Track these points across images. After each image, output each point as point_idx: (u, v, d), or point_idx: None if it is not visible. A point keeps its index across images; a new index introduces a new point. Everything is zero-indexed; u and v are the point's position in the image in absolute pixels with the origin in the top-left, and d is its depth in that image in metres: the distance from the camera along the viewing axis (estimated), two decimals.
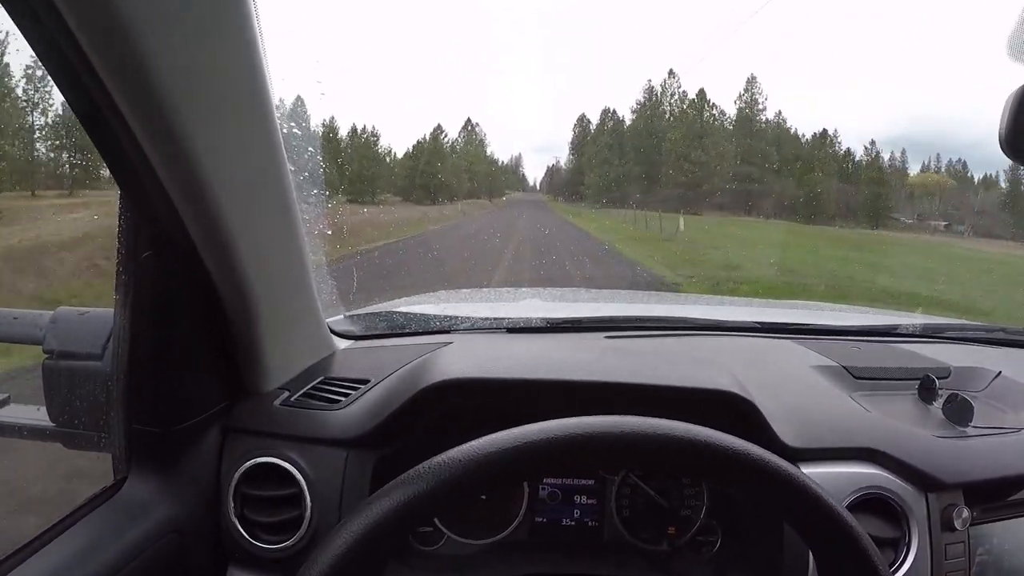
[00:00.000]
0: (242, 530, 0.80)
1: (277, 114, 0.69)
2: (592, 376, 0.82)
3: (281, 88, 0.72)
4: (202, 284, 0.74)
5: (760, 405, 0.82)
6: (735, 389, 0.81)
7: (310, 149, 0.89)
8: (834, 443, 0.86)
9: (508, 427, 0.53)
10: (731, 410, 0.80)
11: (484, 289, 2.60)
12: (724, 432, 0.55)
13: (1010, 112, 0.76)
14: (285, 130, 0.71)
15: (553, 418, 0.53)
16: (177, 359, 0.77)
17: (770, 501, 0.56)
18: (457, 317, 1.16)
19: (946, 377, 1.07)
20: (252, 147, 0.67)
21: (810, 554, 0.78)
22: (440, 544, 0.89)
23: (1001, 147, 0.76)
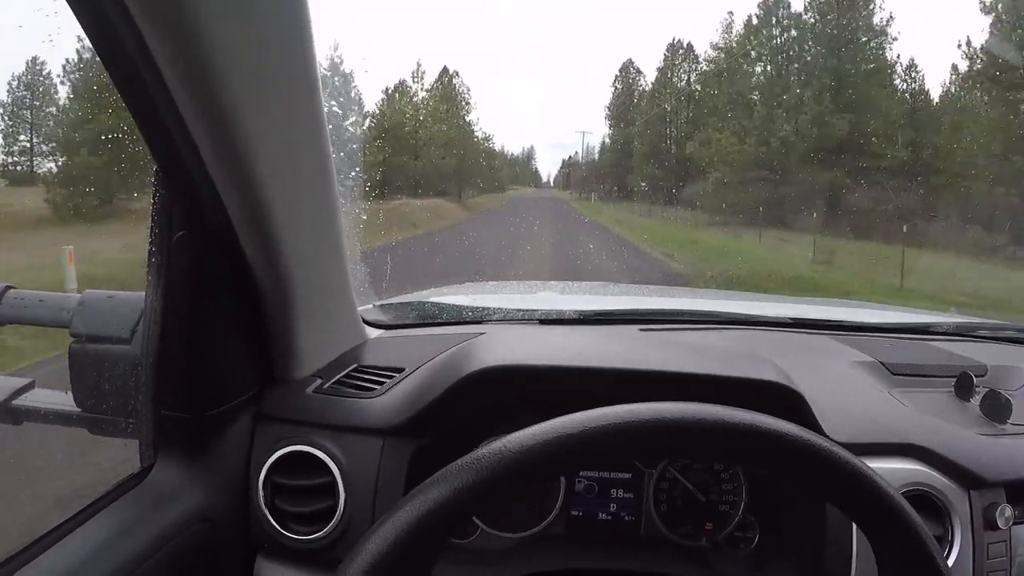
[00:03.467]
0: (272, 520, 0.78)
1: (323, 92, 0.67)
2: (632, 364, 0.80)
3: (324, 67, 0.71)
4: (237, 266, 0.73)
5: (807, 397, 0.80)
6: (783, 380, 0.79)
7: (349, 129, 0.86)
8: (876, 438, 0.85)
9: (547, 416, 0.51)
10: (777, 402, 0.77)
11: (513, 282, 2.58)
12: None
13: None
14: (326, 109, 0.69)
15: (594, 407, 0.51)
16: (208, 343, 0.75)
17: (832, 492, 0.54)
18: (489, 308, 1.14)
19: (983, 375, 1.05)
20: (297, 124, 0.65)
21: (853, 550, 0.77)
22: (475, 537, 0.87)
23: None
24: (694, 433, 0.50)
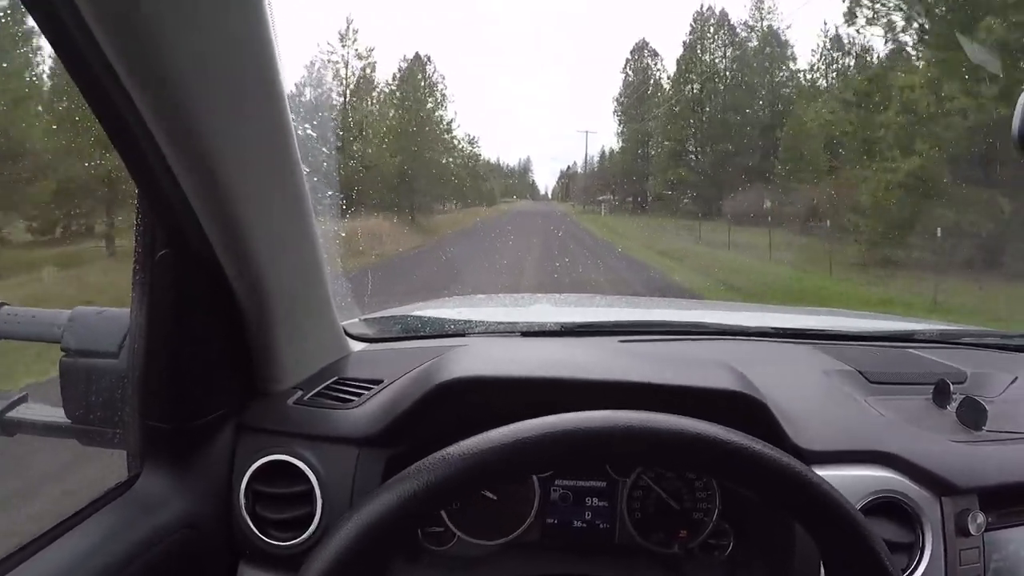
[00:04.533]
0: (253, 527, 0.81)
1: (292, 117, 0.70)
2: (603, 376, 0.82)
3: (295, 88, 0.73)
4: (218, 283, 0.75)
5: (771, 406, 0.81)
6: (745, 389, 0.81)
7: (324, 150, 0.90)
8: (847, 446, 0.86)
9: None
10: (741, 411, 0.79)
11: (499, 295, 2.61)
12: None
13: (1022, 111, 0.76)
14: (300, 132, 0.72)
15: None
16: (192, 357, 0.78)
17: (780, 501, 0.56)
18: (472, 321, 1.16)
19: (962, 382, 1.06)
20: (267, 146, 0.68)
21: (821, 560, 0.78)
22: (451, 544, 0.89)
23: (1014, 144, 0.76)
24: (622, 441, 0.52)
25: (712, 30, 21.92)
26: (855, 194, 13.94)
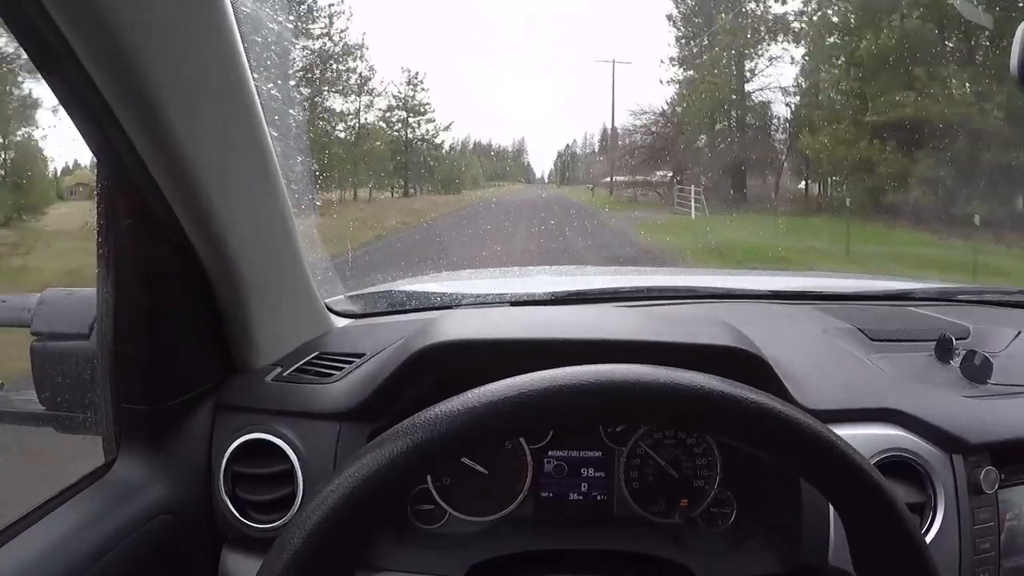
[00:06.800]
0: (234, 509, 0.78)
1: (255, 75, 0.67)
2: (595, 335, 0.79)
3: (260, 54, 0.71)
4: (185, 255, 0.73)
5: (773, 363, 0.78)
6: (744, 346, 0.78)
7: (291, 112, 0.87)
8: (853, 404, 0.83)
9: None
10: (742, 369, 0.76)
11: (488, 269, 2.57)
12: None
13: (1020, 44, 0.72)
14: (264, 91, 0.69)
15: None
16: (163, 334, 0.75)
17: (793, 459, 0.51)
18: (460, 294, 1.14)
19: (965, 337, 1.03)
20: (228, 112, 0.65)
21: (830, 525, 0.75)
22: (443, 522, 0.86)
23: (1014, 79, 0.73)
24: (622, 395, 0.48)
25: None
26: None
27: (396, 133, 16.72)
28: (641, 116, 17.06)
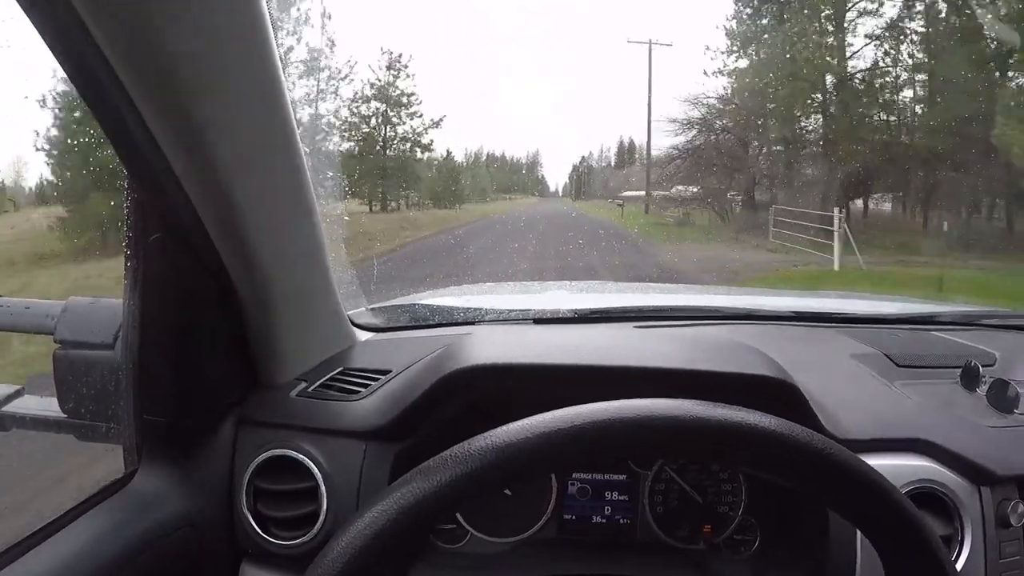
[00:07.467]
0: (255, 525, 0.77)
1: (290, 96, 0.66)
2: (623, 362, 0.77)
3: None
4: (214, 269, 0.72)
5: (804, 392, 0.77)
6: (778, 374, 0.76)
7: (324, 128, 0.85)
8: (882, 434, 0.81)
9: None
10: (773, 398, 0.75)
11: (509, 283, 2.57)
12: None
13: None
14: (298, 114, 0.68)
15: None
16: (188, 348, 0.75)
17: (831, 494, 0.51)
18: (482, 309, 1.12)
19: (991, 364, 1.01)
20: (263, 123, 0.64)
21: (857, 554, 0.74)
22: (464, 542, 0.85)
23: None
24: (662, 432, 0.47)
25: None
26: None
27: (370, 130, 13.79)
28: (698, 105, 12.02)
